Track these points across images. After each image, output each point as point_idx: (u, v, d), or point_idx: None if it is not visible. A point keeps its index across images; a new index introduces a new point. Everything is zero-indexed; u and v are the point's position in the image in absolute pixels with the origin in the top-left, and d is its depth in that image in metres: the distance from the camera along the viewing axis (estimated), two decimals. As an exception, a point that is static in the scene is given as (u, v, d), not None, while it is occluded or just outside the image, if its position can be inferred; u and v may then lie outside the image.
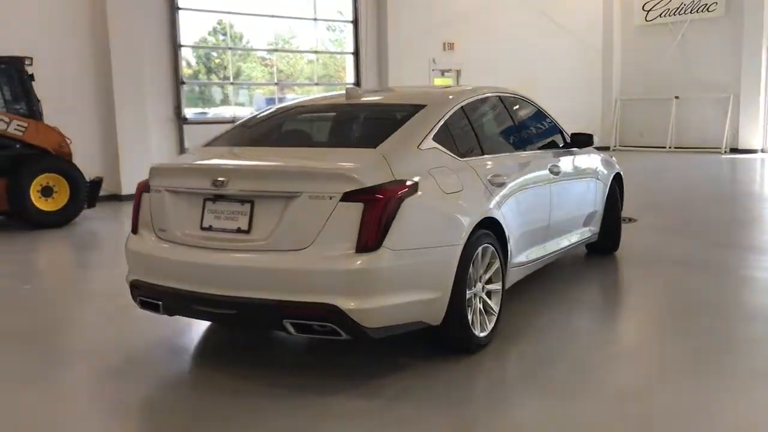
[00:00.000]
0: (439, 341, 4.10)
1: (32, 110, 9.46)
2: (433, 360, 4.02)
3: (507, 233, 4.45)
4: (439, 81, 17.72)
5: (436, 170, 3.96)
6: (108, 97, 11.97)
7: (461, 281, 3.91)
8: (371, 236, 3.48)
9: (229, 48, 14.40)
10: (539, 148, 5.54)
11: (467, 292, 4.01)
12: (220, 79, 14.72)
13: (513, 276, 4.75)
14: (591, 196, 6.12)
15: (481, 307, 4.20)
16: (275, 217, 3.63)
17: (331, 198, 3.52)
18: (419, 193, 3.72)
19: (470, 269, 4.00)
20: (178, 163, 3.99)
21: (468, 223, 3.98)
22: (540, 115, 5.82)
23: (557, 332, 4.60)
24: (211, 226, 3.81)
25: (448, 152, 4.19)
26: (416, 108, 4.37)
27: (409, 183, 3.68)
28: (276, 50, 15.25)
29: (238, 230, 3.72)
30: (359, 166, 3.66)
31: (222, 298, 3.66)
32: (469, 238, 3.98)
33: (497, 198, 4.40)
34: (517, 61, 18.47)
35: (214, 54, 14.74)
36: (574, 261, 6.55)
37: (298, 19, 15.32)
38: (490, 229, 4.28)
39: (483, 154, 4.61)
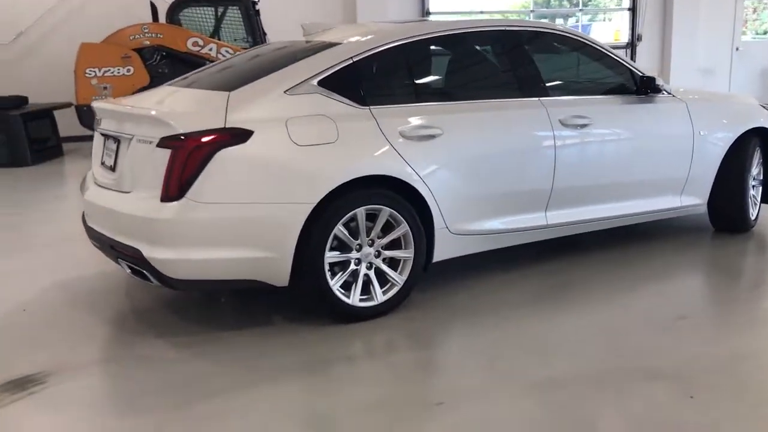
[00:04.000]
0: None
1: (257, 43, 10.48)
2: (307, 324, 3.71)
3: (431, 195, 3.82)
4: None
5: (300, 119, 3.54)
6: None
7: (317, 243, 3.51)
8: (173, 185, 3.33)
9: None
10: (572, 95, 4.57)
11: (338, 255, 3.62)
12: (571, 6, 14.53)
13: (468, 245, 4.10)
14: (676, 157, 4.79)
15: (372, 275, 3.75)
16: (123, 157, 3.69)
17: (151, 143, 3.45)
18: (249, 143, 3.38)
19: (336, 230, 3.56)
20: (96, 104, 4.22)
21: (330, 178, 3.51)
22: (591, 55, 4.70)
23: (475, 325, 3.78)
24: (104, 163, 4.01)
25: (341, 98, 3.69)
26: (324, 47, 3.92)
27: (230, 131, 3.38)
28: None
29: (110, 168, 3.86)
30: (181, 111, 3.50)
31: (94, 233, 3.87)
32: (337, 196, 3.53)
33: (413, 153, 3.76)
34: None
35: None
36: (668, 237, 5.24)
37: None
38: (394, 188, 3.73)
39: (418, 102, 3.98)
